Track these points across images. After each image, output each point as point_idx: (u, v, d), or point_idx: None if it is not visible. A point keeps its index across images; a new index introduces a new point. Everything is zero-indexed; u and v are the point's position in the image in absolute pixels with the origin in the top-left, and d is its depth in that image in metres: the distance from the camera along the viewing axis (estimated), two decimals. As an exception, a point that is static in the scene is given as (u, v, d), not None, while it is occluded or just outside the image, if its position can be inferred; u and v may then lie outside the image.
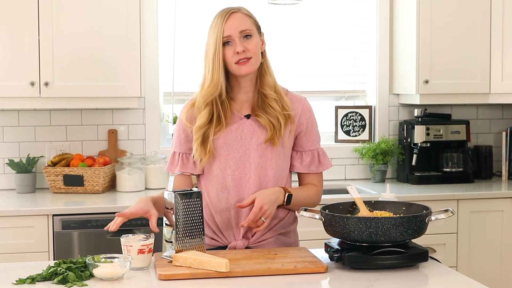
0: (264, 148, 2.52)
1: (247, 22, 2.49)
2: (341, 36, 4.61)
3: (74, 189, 3.99)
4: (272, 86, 2.54)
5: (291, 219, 2.65)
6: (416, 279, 2.19)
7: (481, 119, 4.74)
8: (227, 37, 2.46)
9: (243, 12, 2.51)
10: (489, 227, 4.01)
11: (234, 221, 2.56)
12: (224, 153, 2.53)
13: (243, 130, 2.53)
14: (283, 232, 2.61)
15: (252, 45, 2.47)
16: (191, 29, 4.38)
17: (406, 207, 2.45)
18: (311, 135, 2.61)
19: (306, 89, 4.54)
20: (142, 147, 4.32)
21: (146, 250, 2.27)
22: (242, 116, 2.54)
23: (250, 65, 2.47)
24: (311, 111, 2.62)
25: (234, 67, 2.47)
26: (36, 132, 4.21)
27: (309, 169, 2.62)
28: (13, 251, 3.54)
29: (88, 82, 3.88)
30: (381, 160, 4.38)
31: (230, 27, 2.45)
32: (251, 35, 2.48)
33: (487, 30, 4.26)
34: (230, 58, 2.46)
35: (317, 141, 2.63)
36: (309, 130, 2.60)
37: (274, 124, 2.50)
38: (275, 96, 2.52)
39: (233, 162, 2.53)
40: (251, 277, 2.17)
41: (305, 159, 2.61)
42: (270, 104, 2.51)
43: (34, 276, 2.15)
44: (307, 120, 2.59)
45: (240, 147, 2.53)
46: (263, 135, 2.52)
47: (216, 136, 2.51)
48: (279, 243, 2.60)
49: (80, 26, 3.86)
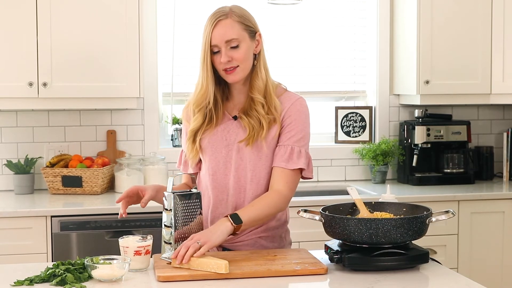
0: (244, 149, 2.49)
1: (235, 30, 2.43)
2: (341, 36, 4.60)
3: (73, 190, 3.98)
4: (262, 89, 2.49)
5: (278, 224, 2.57)
6: (416, 280, 2.18)
7: (482, 119, 4.73)
8: (213, 45, 2.44)
9: (232, 18, 2.44)
10: (490, 228, 4.00)
11: (211, 220, 2.53)
12: (209, 153, 2.53)
13: (229, 131, 2.52)
14: (265, 236, 2.55)
15: (238, 54, 2.43)
16: (190, 29, 4.37)
17: (407, 208, 2.45)
18: (292, 131, 2.49)
19: (306, 90, 4.53)
20: (141, 148, 4.31)
21: (143, 252, 2.26)
22: (230, 117, 2.54)
23: (236, 74, 2.45)
24: (301, 111, 2.51)
25: (222, 73, 2.47)
26: (34, 132, 4.19)
27: (278, 163, 2.47)
28: (11, 252, 3.53)
29: (87, 83, 3.87)
30: (381, 161, 4.37)
31: (215, 36, 2.42)
32: (237, 44, 2.43)
33: (488, 30, 4.25)
34: (218, 65, 2.46)
35: (297, 139, 2.48)
36: (291, 126, 2.49)
37: (254, 126, 2.46)
38: (262, 100, 2.48)
39: (215, 163, 2.52)
40: (250, 279, 2.17)
41: (278, 152, 2.48)
42: (256, 108, 2.48)
43: (32, 278, 2.15)
44: (292, 117, 2.49)
45: (224, 147, 2.52)
46: (244, 136, 2.50)
47: (204, 135, 2.52)
48: (258, 246, 2.54)
49: (79, 26, 3.85)
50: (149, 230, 3.57)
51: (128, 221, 3.61)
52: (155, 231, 3.41)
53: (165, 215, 2.34)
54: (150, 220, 3.61)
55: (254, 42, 2.48)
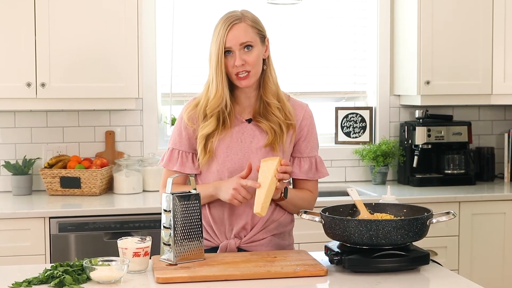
0: (264, 152, 2.53)
1: (249, 34, 2.47)
2: (342, 36, 4.60)
3: (71, 191, 3.97)
4: (275, 93, 2.55)
5: (287, 220, 2.63)
6: (417, 282, 2.18)
7: (483, 120, 4.72)
8: (227, 48, 2.46)
9: (246, 22, 2.49)
10: (491, 229, 3.99)
11: (228, 219, 2.55)
12: (223, 155, 2.53)
13: (243, 134, 2.55)
14: (277, 233, 2.60)
15: (251, 58, 2.47)
16: (189, 29, 4.36)
17: (407, 210, 2.45)
18: (311, 141, 2.62)
19: (306, 90, 4.53)
20: (139, 149, 4.30)
21: (141, 253, 2.26)
22: (243, 120, 2.56)
23: (249, 79, 2.48)
24: (312, 118, 2.64)
25: (234, 78, 2.49)
26: (32, 133, 4.18)
27: (307, 176, 2.61)
28: (9, 254, 3.52)
29: (85, 83, 3.86)
30: (381, 162, 4.36)
31: (230, 39, 2.45)
32: (252, 46, 2.47)
33: (489, 30, 4.24)
34: (230, 68, 2.48)
35: (315, 148, 2.64)
36: (309, 136, 2.61)
37: (276, 130, 2.52)
38: (278, 104, 2.54)
39: (231, 164, 2.53)
40: (250, 280, 2.17)
41: (304, 165, 2.61)
42: (273, 112, 2.53)
43: (31, 279, 2.14)
44: (308, 126, 2.61)
45: (240, 150, 2.54)
46: (263, 140, 2.54)
47: (217, 138, 2.52)
48: (273, 244, 2.59)
49: (78, 26, 3.84)
50: (148, 232, 3.56)
51: (126, 222, 3.60)
52: (154, 232, 3.41)
53: (164, 216, 2.33)
54: (149, 222, 3.60)
55: (263, 47, 2.53)
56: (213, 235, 2.57)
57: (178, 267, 2.24)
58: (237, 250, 2.54)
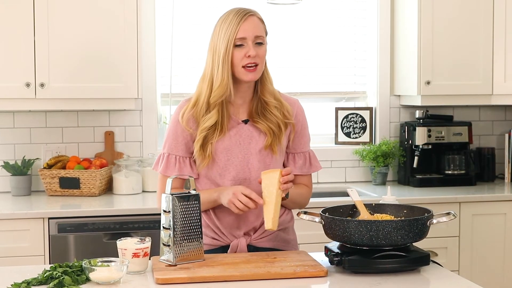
0: (264, 154, 2.54)
1: (261, 28, 2.49)
2: (342, 36, 4.59)
3: (70, 191, 3.96)
4: (272, 93, 2.55)
5: (288, 217, 2.66)
6: (417, 283, 2.18)
7: (484, 120, 4.71)
8: (240, 38, 2.44)
9: (258, 17, 2.50)
10: (492, 230, 3.99)
11: (236, 221, 2.54)
12: (224, 158, 2.52)
13: (241, 135, 2.54)
14: (283, 228, 2.62)
15: (262, 52, 2.48)
16: (189, 30, 4.35)
17: (407, 210, 2.45)
18: (304, 137, 2.64)
19: (306, 90, 4.52)
20: (139, 149, 4.30)
21: (141, 254, 2.26)
22: (239, 121, 2.54)
23: (257, 73, 2.47)
24: (304, 113, 2.65)
25: (240, 70, 2.46)
26: (31, 134, 4.17)
27: (301, 171, 2.63)
28: (8, 254, 3.51)
29: (85, 83, 3.85)
30: (382, 162, 4.35)
31: (245, 29, 2.44)
32: (263, 42, 2.48)
33: (489, 30, 4.24)
34: (239, 60, 2.44)
35: (308, 143, 2.67)
36: (302, 132, 2.63)
37: (275, 131, 2.52)
38: (276, 103, 2.54)
39: (232, 167, 2.52)
40: (250, 281, 2.17)
41: (298, 160, 2.63)
42: (272, 112, 2.53)
43: (30, 280, 2.14)
44: (301, 122, 2.62)
45: (239, 152, 2.53)
46: (261, 141, 2.53)
47: (216, 140, 2.50)
48: (280, 239, 2.61)
49: (77, 27, 3.84)
50: (147, 232, 3.55)
51: (126, 223, 3.59)
52: (153, 233, 3.40)
53: (163, 217, 2.32)
54: (149, 222, 3.59)
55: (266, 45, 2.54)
56: (222, 236, 2.56)
57: (178, 267, 2.24)
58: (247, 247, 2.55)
